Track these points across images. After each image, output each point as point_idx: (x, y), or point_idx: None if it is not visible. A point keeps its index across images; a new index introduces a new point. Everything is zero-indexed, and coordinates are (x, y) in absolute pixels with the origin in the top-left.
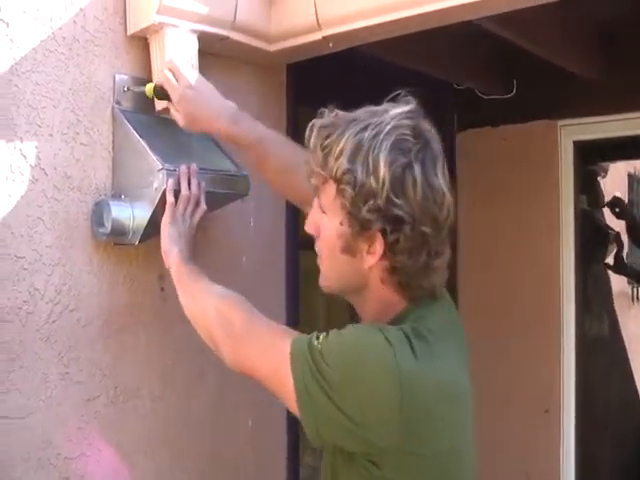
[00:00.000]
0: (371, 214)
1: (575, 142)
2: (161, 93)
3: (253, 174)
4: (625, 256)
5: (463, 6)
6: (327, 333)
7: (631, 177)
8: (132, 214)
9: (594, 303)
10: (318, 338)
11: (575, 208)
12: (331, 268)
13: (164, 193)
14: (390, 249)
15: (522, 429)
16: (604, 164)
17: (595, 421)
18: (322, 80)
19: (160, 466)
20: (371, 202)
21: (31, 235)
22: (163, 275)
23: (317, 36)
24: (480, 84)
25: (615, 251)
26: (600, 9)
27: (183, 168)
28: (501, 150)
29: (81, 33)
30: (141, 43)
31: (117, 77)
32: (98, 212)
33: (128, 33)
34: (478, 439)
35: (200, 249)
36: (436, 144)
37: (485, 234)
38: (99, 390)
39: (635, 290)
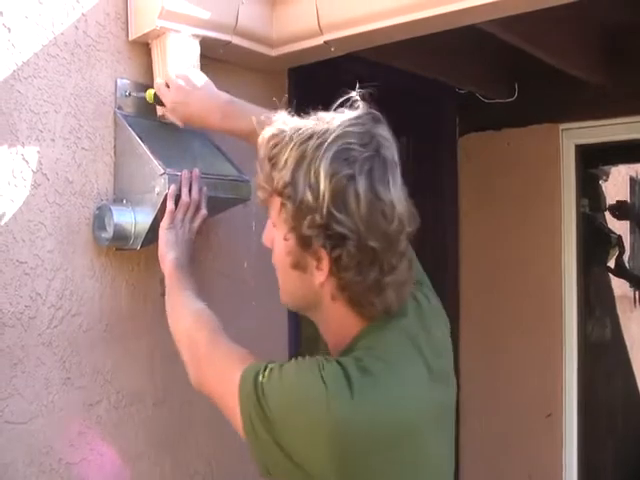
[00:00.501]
0: (311, 230)
1: (577, 146)
2: (160, 99)
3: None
4: (627, 260)
5: (465, 10)
6: (276, 366)
7: (633, 181)
8: (134, 219)
9: (596, 307)
10: (265, 371)
11: (577, 211)
12: (285, 283)
13: (166, 198)
14: (335, 266)
15: (525, 433)
16: (606, 168)
17: (597, 425)
18: (323, 84)
19: (162, 471)
20: (309, 218)
21: (33, 240)
22: (164, 280)
23: (319, 41)
24: (482, 88)
25: (616, 255)
26: (603, 13)
27: (185, 173)
28: (503, 154)
29: (83, 38)
30: (143, 48)
31: (119, 82)
32: (100, 217)
33: (130, 38)
34: (480, 443)
35: (201, 254)
36: (389, 151)
37: (487, 237)
38: (101, 395)
39: (637, 293)
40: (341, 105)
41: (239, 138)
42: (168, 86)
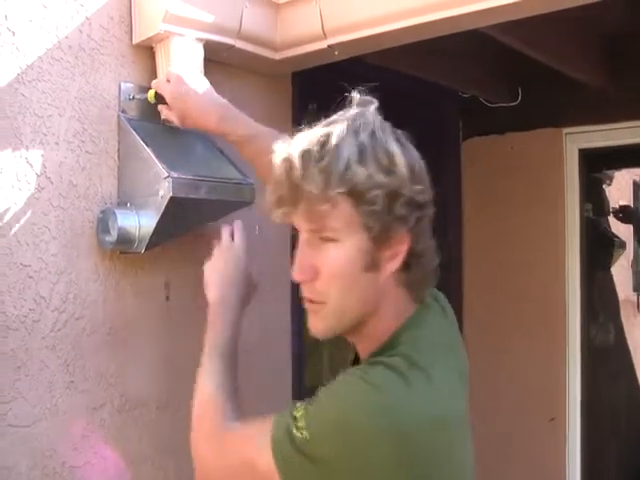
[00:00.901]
0: (403, 209)
1: (580, 150)
2: (161, 97)
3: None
4: (631, 263)
5: (469, 15)
6: (304, 408)
7: (636, 185)
8: (138, 222)
9: (600, 311)
10: (296, 420)
11: (580, 216)
12: (346, 299)
13: (170, 201)
14: (416, 239)
15: (527, 437)
16: (609, 172)
17: (601, 430)
18: (328, 88)
19: (166, 475)
20: (401, 198)
21: (37, 243)
22: (169, 284)
23: (323, 44)
24: (485, 92)
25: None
26: (607, 17)
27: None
28: (506, 158)
29: (87, 42)
30: (147, 52)
31: (123, 85)
32: (104, 220)
33: (134, 42)
34: (482, 448)
35: (205, 258)
36: None
37: (490, 241)
38: (104, 398)
39: None
40: (341, 105)
41: (234, 144)
42: (169, 82)
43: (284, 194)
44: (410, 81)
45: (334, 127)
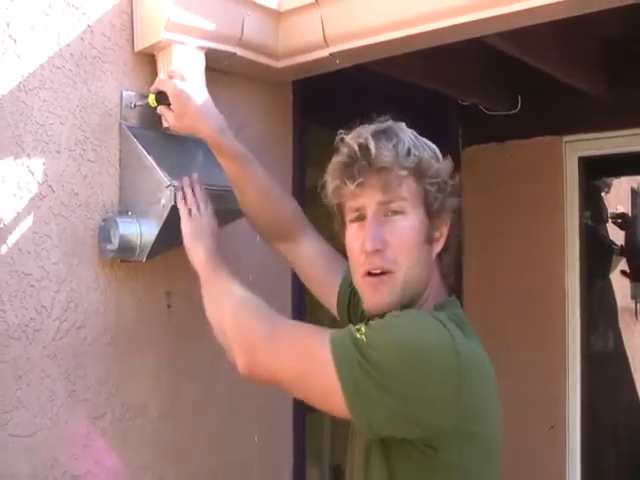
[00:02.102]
0: (452, 193)
1: (580, 158)
2: (162, 98)
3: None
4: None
5: (469, 24)
6: (367, 324)
7: (634, 192)
8: (140, 231)
9: (599, 318)
10: (360, 330)
11: (580, 224)
12: (412, 267)
13: (172, 210)
14: (453, 225)
15: (527, 444)
16: (608, 179)
17: (600, 437)
18: (327, 96)
19: None
20: (452, 179)
21: (38, 252)
22: (170, 292)
23: (324, 53)
24: (485, 100)
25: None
26: (606, 26)
27: (185, 179)
28: (506, 166)
29: (88, 50)
30: (148, 60)
31: (124, 94)
32: (105, 229)
33: (135, 50)
34: None
35: None
36: None
37: (490, 249)
38: (105, 407)
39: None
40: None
41: (224, 158)
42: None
43: (359, 169)
44: (409, 88)
45: (385, 124)
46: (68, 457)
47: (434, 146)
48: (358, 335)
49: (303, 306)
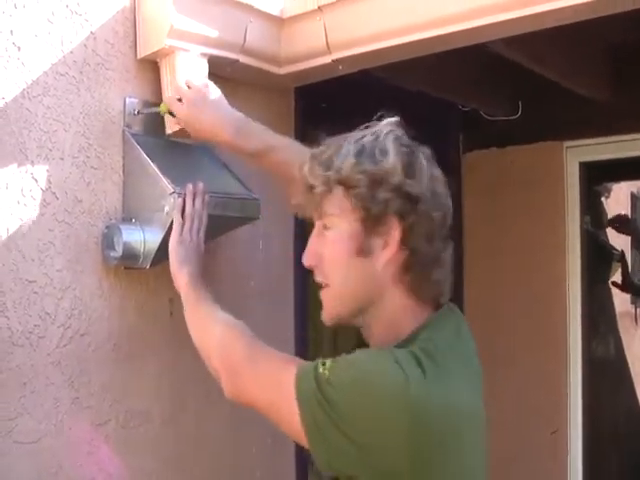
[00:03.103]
0: (388, 193)
1: (581, 163)
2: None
3: (263, 197)
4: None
5: (471, 30)
6: (334, 358)
7: (634, 197)
8: (143, 238)
9: (600, 323)
10: (324, 364)
11: (581, 229)
12: (344, 282)
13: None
14: (408, 232)
15: (529, 449)
16: (608, 184)
17: (602, 442)
18: (330, 102)
19: None
20: (385, 185)
21: (42, 259)
22: (173, 299)
23: (327, 59)
24: (486, 105)
25: (622, 270)
26: (608, 31)
27: (189, 187)
28: (507, 171)
29: (92, 56)
30: (151, 66)
31: (127, 100)
32: (109, 236)
33: (138, 56)
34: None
35: (209, 273)
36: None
37: (490, 254)
38: (109, 414)
39: (639, 310)
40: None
41: (249, 157)
42: (180, 100)
43: (299, 190)
44: (410, 94)
45: (347, 135)
46: (72, 464)
47: (391, 148)
48: (321, 370)
49: (305, 313)
